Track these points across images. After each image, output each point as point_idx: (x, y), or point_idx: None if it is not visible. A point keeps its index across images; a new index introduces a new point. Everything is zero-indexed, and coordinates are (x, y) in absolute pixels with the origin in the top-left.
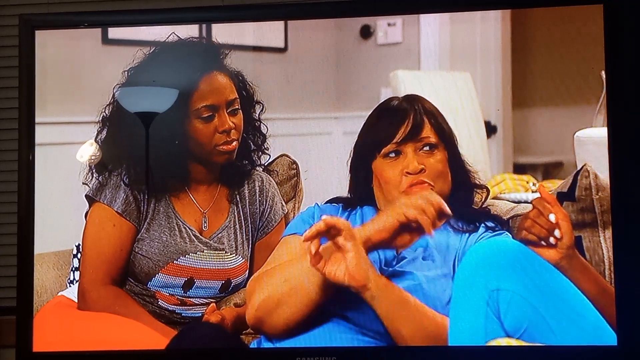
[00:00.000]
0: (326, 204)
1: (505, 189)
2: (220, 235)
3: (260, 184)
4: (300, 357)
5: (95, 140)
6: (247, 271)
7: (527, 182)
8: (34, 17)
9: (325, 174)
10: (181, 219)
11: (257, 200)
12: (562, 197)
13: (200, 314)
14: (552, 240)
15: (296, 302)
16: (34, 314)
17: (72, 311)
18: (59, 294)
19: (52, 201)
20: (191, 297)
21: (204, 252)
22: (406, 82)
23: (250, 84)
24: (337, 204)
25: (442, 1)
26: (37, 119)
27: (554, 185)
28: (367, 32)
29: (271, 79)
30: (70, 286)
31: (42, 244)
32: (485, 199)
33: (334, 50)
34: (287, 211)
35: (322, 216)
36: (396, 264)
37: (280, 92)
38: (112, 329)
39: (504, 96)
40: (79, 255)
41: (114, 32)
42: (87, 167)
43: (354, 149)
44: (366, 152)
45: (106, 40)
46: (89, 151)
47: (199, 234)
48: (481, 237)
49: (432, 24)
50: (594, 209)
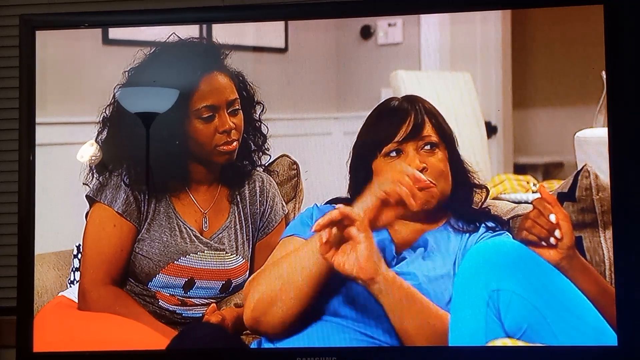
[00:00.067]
0: (325, 204)
1: (505, 190)
2: (220, 235)
3: (260, 185)
4: (300, 357)
5: (95, 140)
6: (248, 272)
7: (528, 183)
8: (35, 17)
9: (325, 174)
10: (182, 219)
11: (258, 200)
12: (562, 197)
13: (200, 315)
14: (552, 240)
15: (289, 298)
16: (35, 314)
17: (73, 311)
18: (60, 294)
19: (52, 201)
20: (192, 298)
21: (204, 252)
22: (406, 83)
23: (250, 84)
24: (337, 205)
25: (443, 1)
26: (38, 119)
27: (554, 185)
28: (367, 33)
29: (271, 80)
30: (70, 286)
31: (43, 244)
32: (485, 199)
33: (334, 50)
34: (287, 211)
35: (337, 206)
36: (396, 264)
37: (280, 92)
38: (113, 330)
39: (504, 96)
40: (80, 255)
41: (115, 33)
42: (88, 168)
43: (353, 150)
44: (367, 152)
45: (106, 40)
46: (89, 151)
47: (199, 235)
48: (481, 238)
49: (432, 24)
50: (595, 210)
